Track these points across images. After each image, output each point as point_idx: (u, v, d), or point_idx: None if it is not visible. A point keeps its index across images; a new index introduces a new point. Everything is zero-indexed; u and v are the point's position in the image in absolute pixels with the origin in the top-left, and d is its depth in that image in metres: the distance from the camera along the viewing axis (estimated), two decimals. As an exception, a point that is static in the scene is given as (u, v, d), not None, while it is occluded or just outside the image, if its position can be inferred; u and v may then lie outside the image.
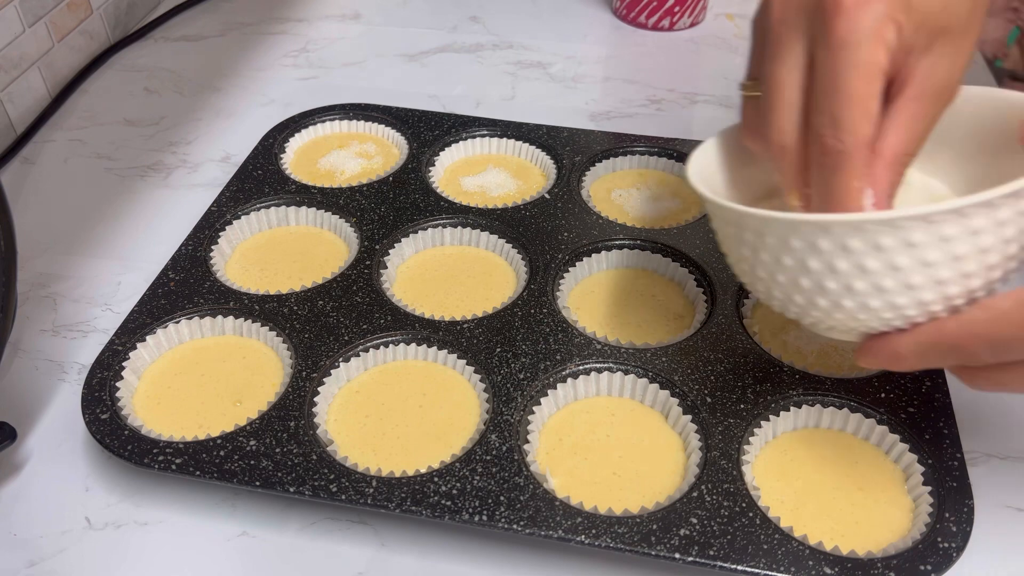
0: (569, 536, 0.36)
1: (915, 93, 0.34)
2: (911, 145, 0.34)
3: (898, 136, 0.33)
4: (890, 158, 0.33)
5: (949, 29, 0.33)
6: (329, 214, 0.53)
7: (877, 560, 0.35)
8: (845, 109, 0.33)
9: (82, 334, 0.49)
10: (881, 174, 0.33)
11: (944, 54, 0.34)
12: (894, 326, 0.32)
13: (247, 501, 0.40)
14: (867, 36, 0.32)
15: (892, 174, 0.33)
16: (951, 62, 0.34)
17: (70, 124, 0.66)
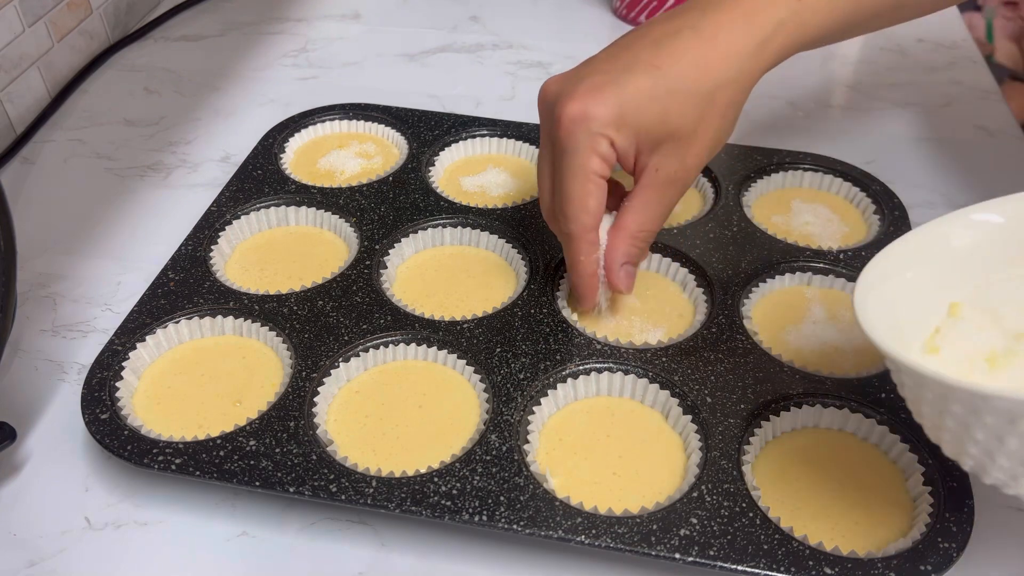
0: (569, 536, 0.36)
1: (645, 183, 0.42)
2: (646, 223, 0.43)
3: (633, 216, 0.43)
4: (627, 232, 0.43)
5: (673, 135, 0.41)
6: (329, 214, 0.53)
7: (877, 560, 0.35)
8: (566, 205, 0.42)
9: (82, 334, 0.49)
10: (621, 245, 0.43)
11: (669, 153, 0.41)
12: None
13: (247, 501, 0.40)
14: (581, 147, 0.40)
15: (631, 245, 0.43)
16: (678, 159, 0.41)
17: (70, 124, 0.66)
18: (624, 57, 0.41)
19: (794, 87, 0.70)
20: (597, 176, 0.41)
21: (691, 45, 0.40)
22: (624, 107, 0.40)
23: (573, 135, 0.40)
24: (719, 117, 0.41)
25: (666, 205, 0.43)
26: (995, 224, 0.36)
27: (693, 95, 0.40)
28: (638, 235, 0.43)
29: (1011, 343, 0.35)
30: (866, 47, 0.76)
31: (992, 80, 0.71)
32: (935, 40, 0.75)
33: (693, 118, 0.41)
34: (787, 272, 0.49)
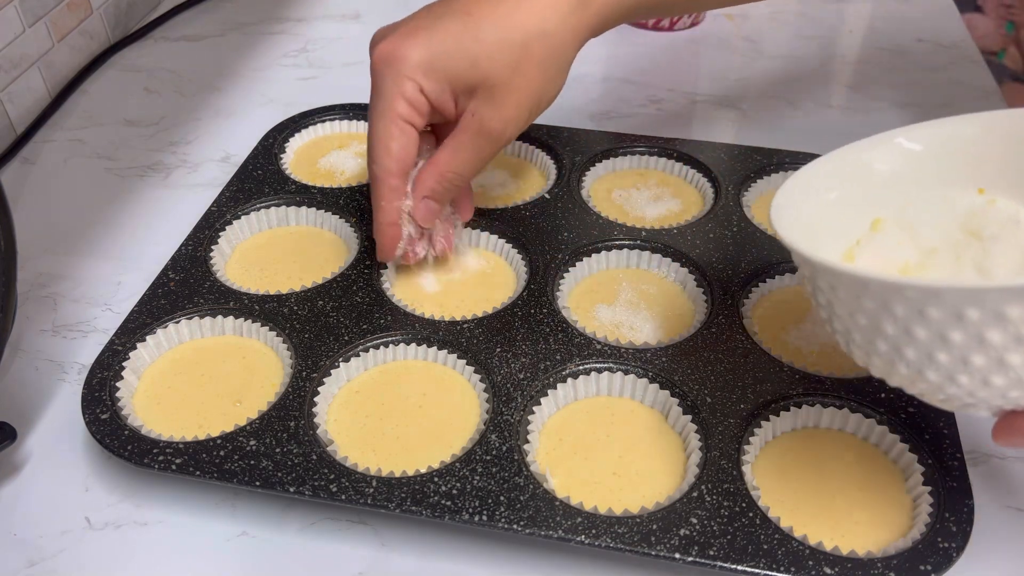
0: (569, 536, 0.36)
1: (461, 127, 0.43)
2: (455, 165, 0.43)
3: (444, 154, 0.43)
4: (436, 168, 0.44)
5: (486, 82, 0.41)
6: (329, 214, 0.53)
7: (877, 560, 0.35)
8: (371, 146, 0.43)
9: (82, 334, 0.49)
10: (428, 178, 0.44)
11: (484, 100, 0.42)
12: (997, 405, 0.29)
13: (247, 501, 0.40)
14: (387, 90, 0.42)
15: (436, 182, 0.44)
16: (494, 107, 0.42)
17: (70, 124, 0.66)
18: (444, 6, 0.42)
19: (794, 87, 0.70)
20: (402, 120, 0.42)
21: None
22: (433, 51, 0.41)
23: (382, 76, 0.42)
24: (536, 69, 0.42)
25: (479, 152, 0.43)
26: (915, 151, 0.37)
27: (505, 43, 0.41)
28: (446, 174, 0.44)
29: (924, 257, 0.36)
30: (866, 47, 0.76)
31: (992, 80, 0.71)
32: (935, 40, 0.75)
33: (506, 67, 0.41)
34: (787, 272, 0.49)
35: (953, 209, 0.36)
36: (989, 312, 0.26)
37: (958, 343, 0.27)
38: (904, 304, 0.27)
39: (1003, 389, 0.28)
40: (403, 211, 0.44)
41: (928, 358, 0.28)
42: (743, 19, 0.80)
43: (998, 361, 0.27)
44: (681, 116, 0.67)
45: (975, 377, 0.28)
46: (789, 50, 0.76)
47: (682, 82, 0.71)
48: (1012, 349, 0.27)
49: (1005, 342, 0.26)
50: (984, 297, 0.26)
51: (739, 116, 0.67)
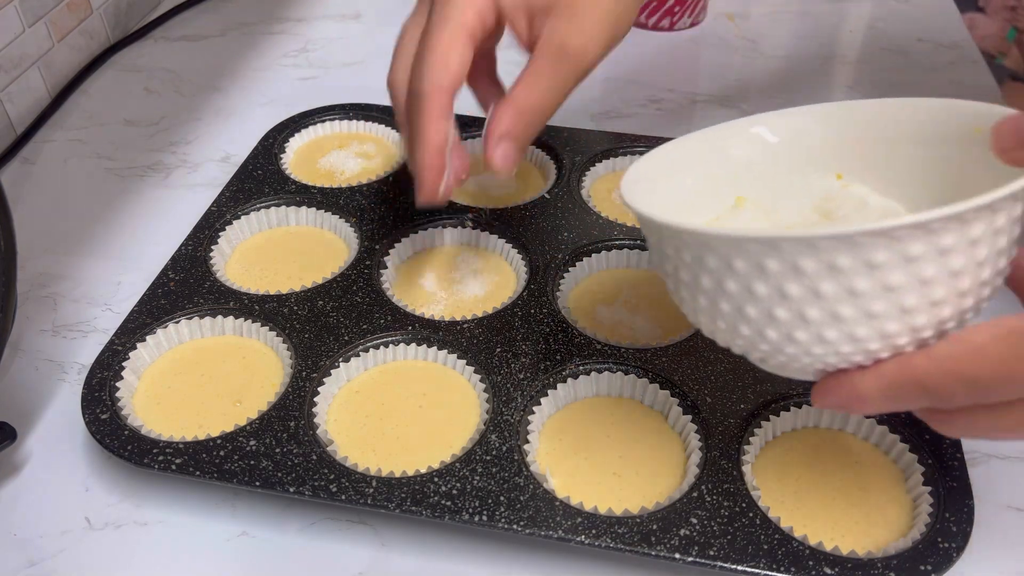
0: (569, 536, 0.36)
1: (538, 52, 0.38)
2: (534, 96, 0.38)
3: (522, 88, 0.38)
4: (514, 105, 0.38)
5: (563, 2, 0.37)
6: (329, 214, 0.53)
7: (877, 560, 0.35)
8: (427, 56, 0.37)
9: (82, 334, 0.49)
10: (505, 116, 0.38)
11: (564, 19, 0.37)
12: (854, 362, 0.29)
13: (247, 501, 0.40)
14: None
15: (511, 118, 0.38)
16: (574, 24, 0.37)
17: (70, 124, 0.66)
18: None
19: (794, 87, 0.70)
20: (467, 33, 0.37)
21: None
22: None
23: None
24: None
25: (560, 80, 0.39)
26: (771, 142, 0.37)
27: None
28: (525, 110, 0.38)
29: None
30: (866, 47, 0.76)
31: (992, 80, 0.71)
32: (935, 40, 0.75)
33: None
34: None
35: (810, 192, 0.37)
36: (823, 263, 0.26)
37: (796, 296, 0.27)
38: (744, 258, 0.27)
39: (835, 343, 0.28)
40: (451, 138, 0.38)
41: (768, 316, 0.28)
42: (743, 19, 0.80)
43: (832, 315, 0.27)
44: (681, 116, 0.67)
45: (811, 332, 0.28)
46: (789, 50, 0.76)
47: (682, 82, 0.71)
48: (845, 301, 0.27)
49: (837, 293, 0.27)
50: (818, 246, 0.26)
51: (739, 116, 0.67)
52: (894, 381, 0.28)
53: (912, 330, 0.27)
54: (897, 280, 0.26)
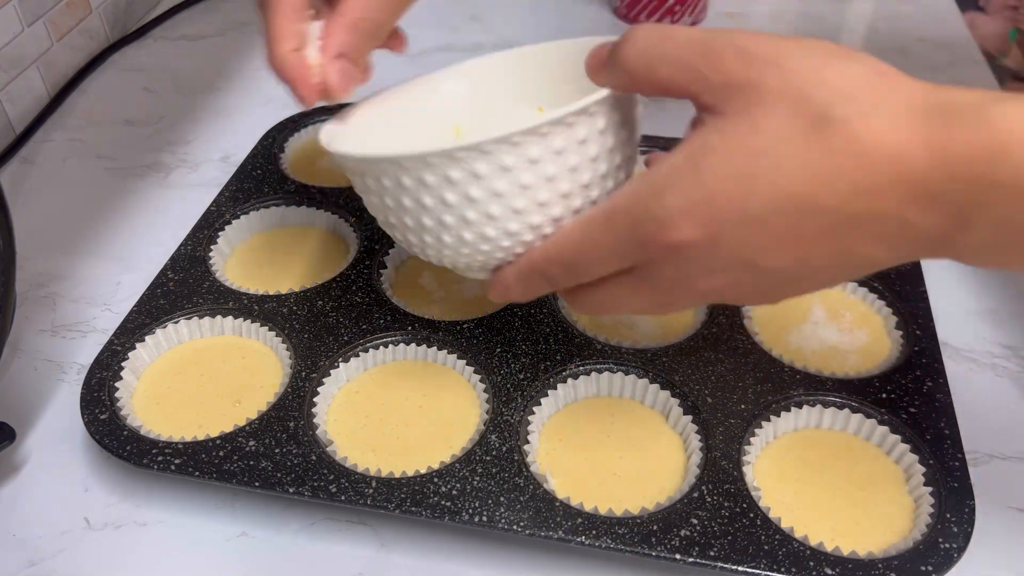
0: (569, 537, 0.36)
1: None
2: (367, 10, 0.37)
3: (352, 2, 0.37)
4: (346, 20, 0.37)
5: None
6: (328, 214, 0.53)
7: (878, 561, 0.35)
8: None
9: (81, 334, 0.48)
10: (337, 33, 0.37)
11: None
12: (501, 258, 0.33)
13: (246, 502, 0.40)
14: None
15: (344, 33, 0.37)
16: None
17: (69, 124, 0.66)
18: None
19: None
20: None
21: None
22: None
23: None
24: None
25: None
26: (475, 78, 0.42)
27: None
28: (359, 23, 0.37)
29: None
30: (866, 47, 0.76)
31: (993, 80, 0.71)
32: (936, 40, 0.75)
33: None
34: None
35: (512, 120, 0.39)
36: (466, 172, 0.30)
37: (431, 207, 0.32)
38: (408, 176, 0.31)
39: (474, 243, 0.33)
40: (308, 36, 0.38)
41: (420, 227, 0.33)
42: (744, 18, 0.80)
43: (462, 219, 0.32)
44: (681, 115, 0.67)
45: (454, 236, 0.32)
46: (789, 49, 0.75)
47: (682, 81, 0.71)
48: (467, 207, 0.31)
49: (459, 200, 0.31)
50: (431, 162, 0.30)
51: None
52: (522, 270, 0.33)
53: (531, 227, 0.32)
54: (502, 187, 0.31)
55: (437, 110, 0.42)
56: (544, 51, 0.40)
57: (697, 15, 0.78)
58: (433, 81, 0.42)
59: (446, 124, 0.42)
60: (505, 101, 0.41)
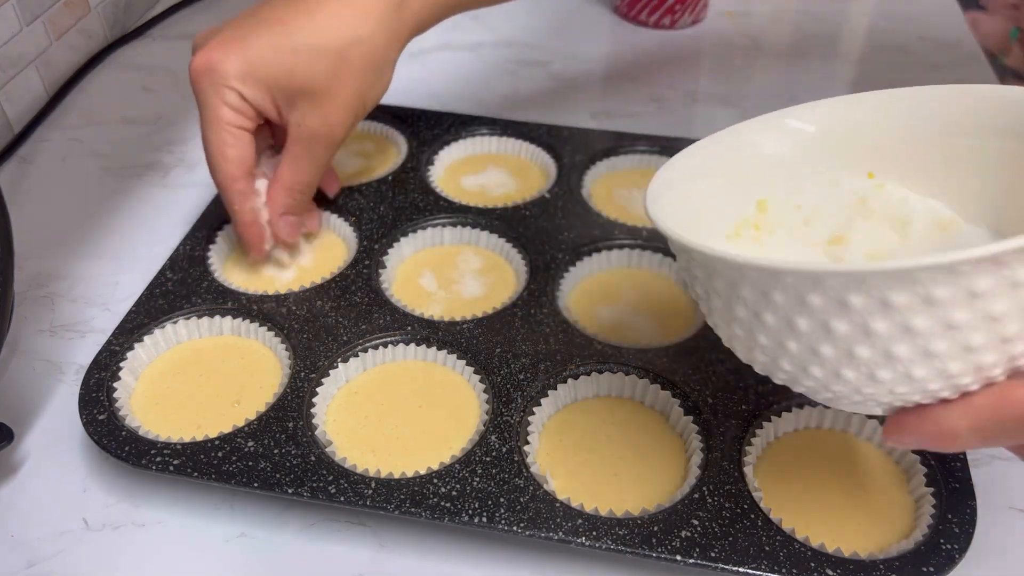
0: (570, 538, 0.35)
1: (292, 138, 0.44)
2: (298, 177, 0.45)
3: (285, 170, 0.45)
4: (282, 185, 0.45)
5: (305, 92, 0.43)
6: (328, 213, 0.53)
7: (879, 562, 0.35)
8: (208, 156, 0.44)
9: (79, 334, 0.48)
10: (278, 197, 0.46)
11: (308, 110, 0.43)
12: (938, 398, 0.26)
13: (245, 502, 0.40)
14: (210, 100, 0.42)
15: (287, 197, 0.46)
16: (319, 116, 0.43)
17: (67, 123, 0.66)
18: (260, 13, 0.44)
19: (795, 86, 0.70)
20: (232, 127, 0.43)
21: (325, 3, 0.42)
22: (249, 62, 0.42)
23: (201, 87, 0.43)
24: (355, 74, 0.43)
25: (316, 159, 0.45)
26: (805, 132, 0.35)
27: (321, 52, 0.42)
28: (293, 188, 0.45)
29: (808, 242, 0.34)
30: (868, 46, 0.76)
31: (995, 79, 0.71)
32: (937, 39, 0.75)
33: (324, 75, 0.42)
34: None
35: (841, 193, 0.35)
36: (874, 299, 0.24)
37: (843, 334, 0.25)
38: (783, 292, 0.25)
39: (890, 384, 0.26)
40: (259, 208, 0.46)
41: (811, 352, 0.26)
42: (744, 17, 0.80)
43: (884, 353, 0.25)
44: (682, 115, 0.67)
45: (861, 371, 0.26)
46: (791, 48, 0.75)
47: (683, 80, 0.71)
48: (898, 339, 0.24)
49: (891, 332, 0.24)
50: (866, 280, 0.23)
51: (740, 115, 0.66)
52: (991, 416, 0.26)
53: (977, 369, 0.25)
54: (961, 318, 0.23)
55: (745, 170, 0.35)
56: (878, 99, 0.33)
57: (697, 15, 0.78)
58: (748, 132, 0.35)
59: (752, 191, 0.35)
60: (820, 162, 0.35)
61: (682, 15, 0.77)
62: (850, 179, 0.35)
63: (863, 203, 0.34)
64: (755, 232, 0.35)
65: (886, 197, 0.34)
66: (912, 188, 0.34)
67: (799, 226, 0.35)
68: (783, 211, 0.35)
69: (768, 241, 0.35)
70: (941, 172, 0.33)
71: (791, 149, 0.35)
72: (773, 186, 0.35)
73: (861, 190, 0.35)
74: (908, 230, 0.33)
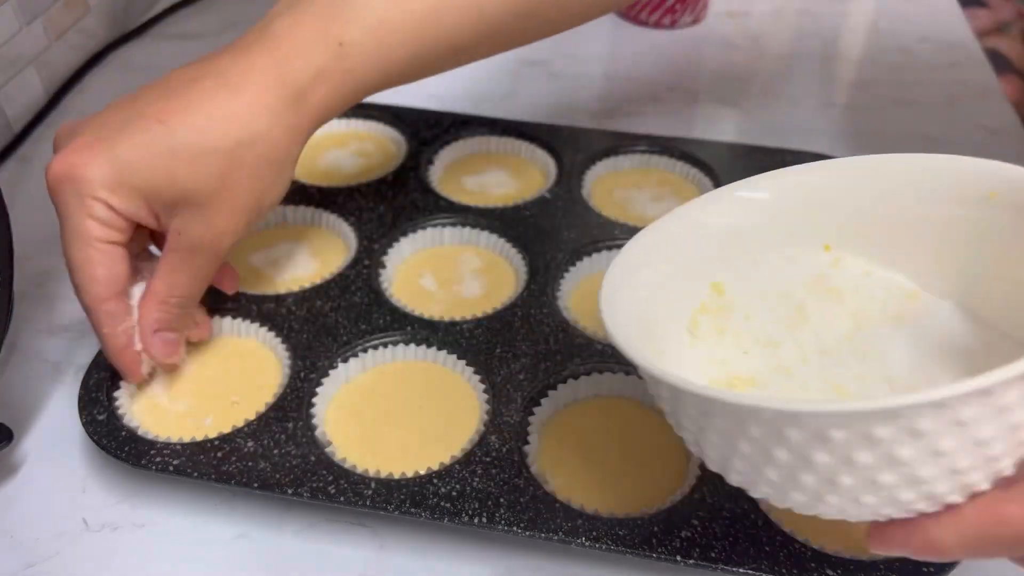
0: (569, 538, 0.35)
1: (168, 247, 0.38)
2: (176, 288, 0.39)
3: (160, 282, 0.39)
4: (157, 297, 0.39)
5: (188, 198, 0.37)
6: (327, 213, 0.53)
7: (880, 562, 0.35)
8: (73, 274, 0.37)
9: (79, 334, 0.48)
10: (151, 311, 0.39)
11: (190, 217, 0.37)
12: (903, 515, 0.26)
13: (245, 503, 0.40)
14: (72, 212, 0.36)
15: (162, 311, 0.39)
16: (203, 224, 0.37)
17: (67, 123, 0.65)
18: (130, 108, 0.37)
19: (796, 85, 0.70)
20: (100, 242, 0.36)
21: (209, 96, 0.37)
22: (118, 167, 0.35)
23: (63, 197, 0.36)
24: (248, 176, 0.37)
25: (197, 268, 0.39)
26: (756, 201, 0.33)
27: (207, 154, 0.36)
28: (168, 300, 0.39)
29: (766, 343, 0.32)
30: (868, 46, 0.76)
31: (994, 79, 0.71)
32: (938, 39, 0.75)
33: (211, 178, 0.36)
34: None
35: (797, 270, 0.34)
36: (857, 433, 0.23)
37: (824, 464, 0.24)
38: (760, 425, 0.25)
39: (875, 507, 0.26)
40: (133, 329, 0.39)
41: (791, 479, 0.26)
42: (745, 17, 0.80)
43: (869, 481, 0.25)
44: (682, 114, 0.67)
45: (844, 496, 0.25)
46: (791, 48, 0.75)
47: (683, 80, 0.71)
48: (883, 469, 0.24)
49: (875, 462, 0.24)
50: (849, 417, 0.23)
51: (741, 115, 0.67)
52: (981, 531, 0.25)
53: (964, 487, 0.25)
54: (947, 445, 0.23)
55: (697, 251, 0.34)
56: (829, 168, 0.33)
57: (697, 15, 0.78)
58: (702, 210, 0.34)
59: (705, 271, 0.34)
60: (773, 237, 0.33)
61: (682, 15, 0.77)
62: (806, 253, 0.34)
63: (821, 279, 0.34)
64: (714, 320, 0.34)
65: (845, 271, 0.33)
66: (872, 260, 0.33)
67: (757, 306, 0.34)
68: (739, 292, 0.34)
69: (728, 328, 0.33)
70: (902, 243, 0.32)
71: (743, 222, 0.34)
72: (727, 264, 0.34)
73: (818, 264, 0.34)
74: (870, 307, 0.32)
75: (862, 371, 0.31)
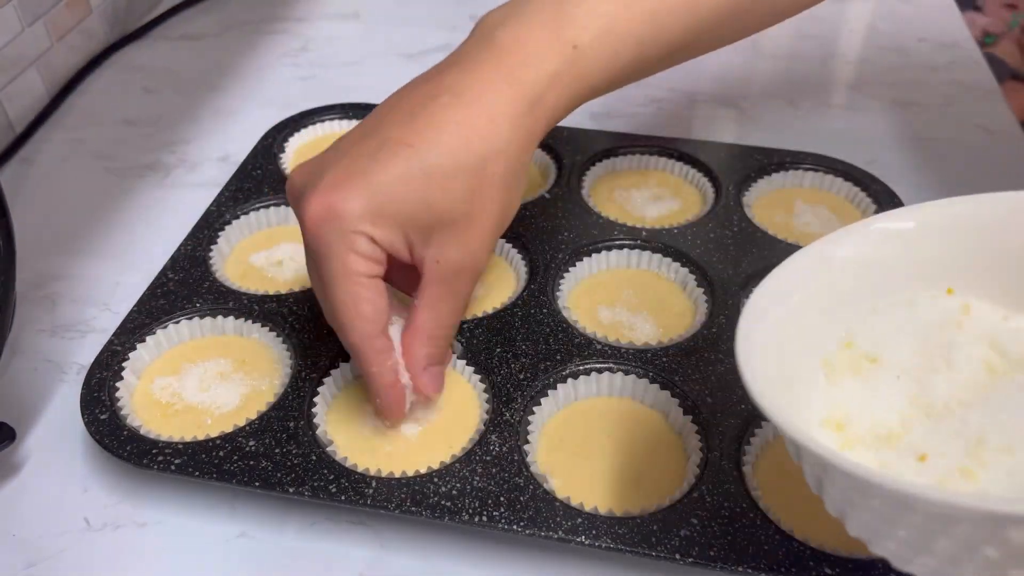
0: (569, 537, 0.36)
1: (427, 280, 0.37)
2: (442, 320, 0.38)
3: (425, 315, 0.37)
4: (424, 333, 0.38)
5: (444, 221, 0.36)
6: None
7: (878, 561, 0.35)
8: (338, 314, 0.36)
9: (80, 334, 0.48)
10: (419, 348, 0.38)
11: (447, 242, 0.36)
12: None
13: (246, 502, 0.40)
14: (335, 250, 0.35)
15: (427, 347, 0.38)
16: (459, 246, 0.36)
17: (69, 124, 0.66)
18: (375, 136, 0.36)
19: (795, 86, 0.70)
20: (364, 277, 0.36)
21: (450, 114, 0.36)
22: (376, 198, 0.35)
23: (324, 239, 0.35)
24: (497, 191, 0.37)
25: (459, 297, 0.38)
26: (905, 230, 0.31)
27: (457, 173, 0.35)
28: (436, 334, 0.38)
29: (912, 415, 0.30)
30: (867, 47, 0.76)
31: (993, 80, 0.71)
32: (936, 40, 0.75)
33: (463, 198, 0.36)
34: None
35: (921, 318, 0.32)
36: None
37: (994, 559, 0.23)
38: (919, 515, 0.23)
39: None
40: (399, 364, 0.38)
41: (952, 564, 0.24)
42: (743, 18, 0.80)
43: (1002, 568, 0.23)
44: (681, 115, 0.67)
45: None
46: (790, 49, 0.76)
47: (683, 81, 0.71)
48: None
49: None
50: None
51: (740, 115, 0.67)
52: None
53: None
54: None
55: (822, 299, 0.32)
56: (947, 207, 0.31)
57: (697, 15, 0.78)
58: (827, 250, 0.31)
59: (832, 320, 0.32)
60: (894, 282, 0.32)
61: (682, 16, 0.77)
62: (929, 298, 0.32)
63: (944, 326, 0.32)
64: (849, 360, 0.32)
65: (974, 321, 0.31)
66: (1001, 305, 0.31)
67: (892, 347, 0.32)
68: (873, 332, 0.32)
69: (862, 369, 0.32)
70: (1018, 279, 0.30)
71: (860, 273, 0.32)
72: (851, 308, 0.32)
73: (943, 312, 0.32)
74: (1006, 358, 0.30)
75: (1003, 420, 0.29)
